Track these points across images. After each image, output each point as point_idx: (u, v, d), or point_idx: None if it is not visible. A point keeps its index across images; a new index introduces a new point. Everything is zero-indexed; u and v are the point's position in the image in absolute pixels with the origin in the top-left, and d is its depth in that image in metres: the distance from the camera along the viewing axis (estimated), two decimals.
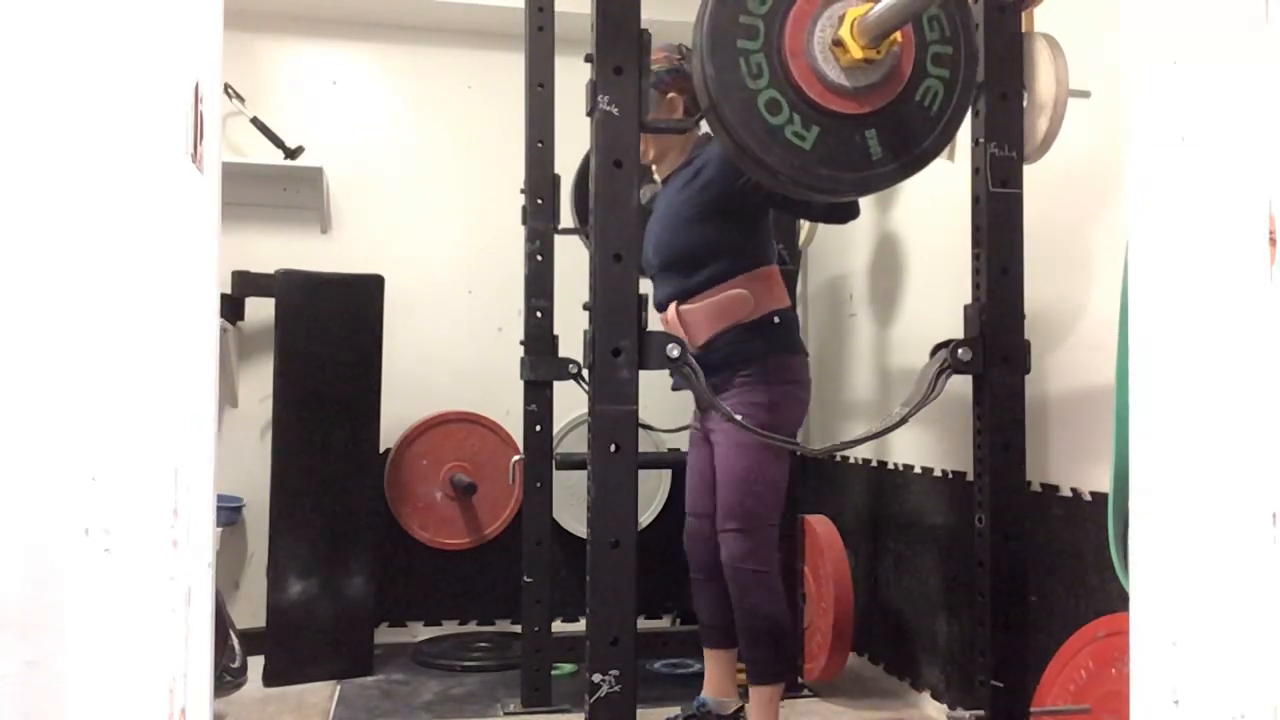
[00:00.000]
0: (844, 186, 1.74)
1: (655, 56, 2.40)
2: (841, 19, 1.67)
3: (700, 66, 1.67)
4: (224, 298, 3.04)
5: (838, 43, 1.67)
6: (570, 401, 3.24)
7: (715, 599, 2.49)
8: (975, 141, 1.99)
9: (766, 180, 1.78)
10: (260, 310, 3.49)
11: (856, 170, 1.72)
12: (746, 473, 2.33)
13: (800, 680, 3.05)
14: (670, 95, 2.42)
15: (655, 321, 2.38)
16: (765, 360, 2.34)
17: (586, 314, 1.76)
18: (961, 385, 2.01)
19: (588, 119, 1.79)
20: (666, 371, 1.78)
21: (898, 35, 1.71)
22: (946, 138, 1.78)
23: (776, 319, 2.38)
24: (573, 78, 2.42)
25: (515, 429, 3.22)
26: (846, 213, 2.36)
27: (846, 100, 1.69)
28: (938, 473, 2.88)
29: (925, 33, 1.75)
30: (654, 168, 2.55)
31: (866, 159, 1.72)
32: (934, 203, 2.93)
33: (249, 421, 3.58)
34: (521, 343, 2.90)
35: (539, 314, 2.88)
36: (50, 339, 0.78)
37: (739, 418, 1.98)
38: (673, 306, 2.41)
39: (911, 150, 1.74)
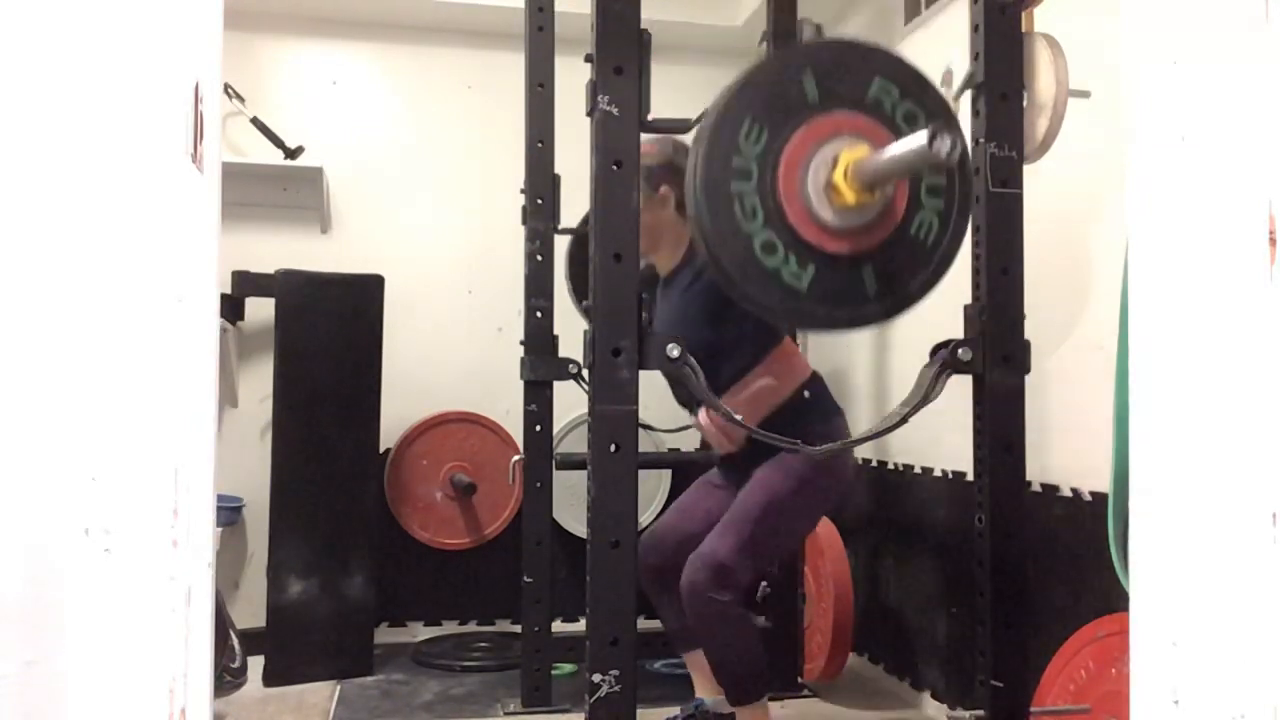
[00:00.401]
0: (840, 324, 1.74)
1: (647, 149, 2.36)
2: (835, 161, 1.66)
3: (695, 209, 1.66)
4: (224, 298, 3.03)
5: (832, 186, 1.67)
6: (570, 401, 3.24)
7: (676, 604, 2.42)
8: (975, 141, 1.99)
9: (765, 316, 1.78)
10: (260, 310, 3.49)
11: (853, 307, 1.71)
12: (765, 510, 2.28)
13: (800, 680, 3.05)
14: (663, 189, 2.38)
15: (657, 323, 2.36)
16: (804, 432, 2.33)
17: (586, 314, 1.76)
18: (961, 385, 2.01)
19: (588, 119, 1.79)
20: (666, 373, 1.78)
21: None
22: (942, 270, 1.77)
23: (806, 393, 2.37)
24: (573, 78, 2.42)
25: (515, 429, 3.22)
26: None
27: (842, 240, 1.69)
28: (938, 473, 2.88)
29: None
30: (653, 258, 2.50)
31: (863, 296, 1.71)
32: None
33: (249, 421, 3.58)
34: (521, 343, 2.90)
35: (539, 314, 2.88)
36: (50, 339, 0.78)
37: (739, 417, 1.98)
38: (703, 411, 2.40)
39: (909, 284, 1.74)
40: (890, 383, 3.22)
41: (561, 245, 2.96)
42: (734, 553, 2.24)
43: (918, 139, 1.48)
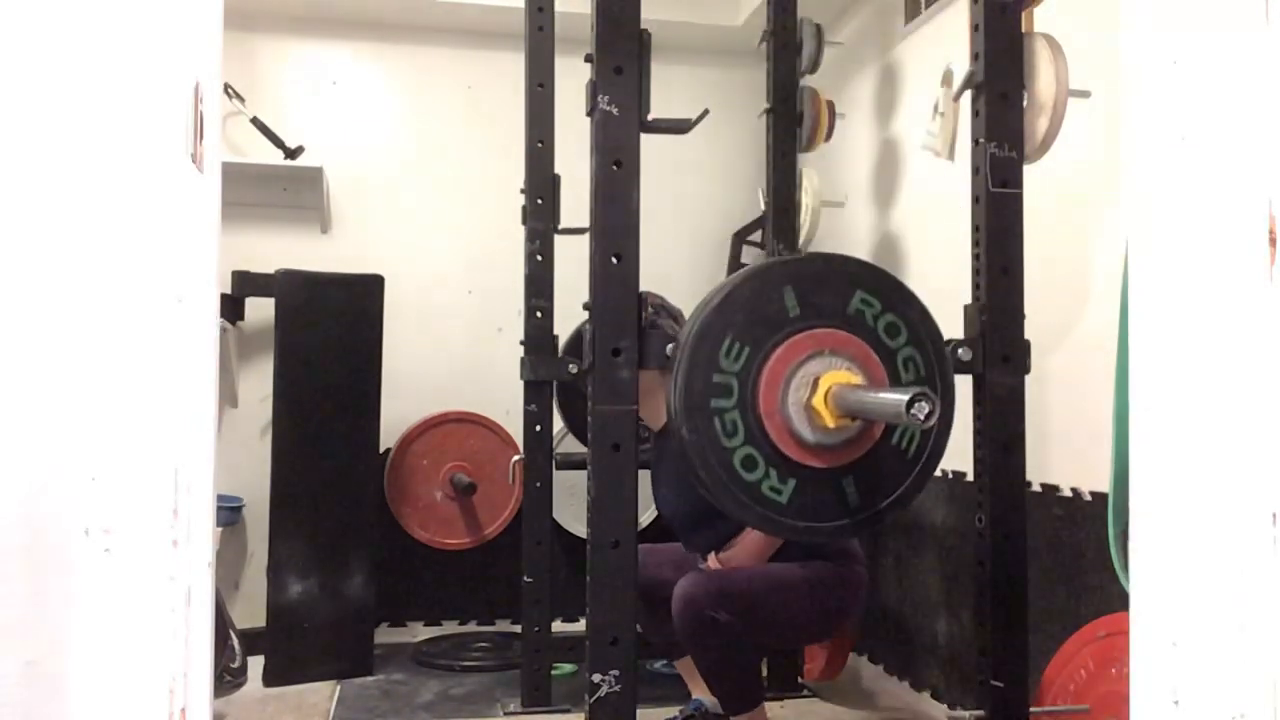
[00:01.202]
0: (820, 536, 1.74)
1: None
2: (815, 384, 1.65)
3: (677, 427, 1.66)
4: (224, 298, 3.04)
5: (812, 408, 1.67)
6: None
7: (657, 615, 2.43)
8: (975, 141, 1.99)
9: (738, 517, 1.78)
10: (260, 310, 3.49)
11: (834, 519, 1.71)
12: (776, 580, 2.28)
13: (800, 680, 3.05)
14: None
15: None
16: (820, 551, 2.34)
17: (586, 314, 1.76)
18: (961, 385, 2.01)
19: (588, 119, 1.79)
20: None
21: None
22: (924, 479, 1.76)
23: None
24: (573, 78, 2.42)
25: (515, 429, 3.22)
26: None
27: (822, 456, 1.68)
28: (938, 473, 2.87)
29: (901, 374, 1.73)
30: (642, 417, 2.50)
31: (844, 507, 1.71)
32: (934, 203, 2.93)
33: (249, 421, 3.58)
34: (521, 343, 2.90)
35: (539, 314, 2.88)
36: (50, 339, 0.78)
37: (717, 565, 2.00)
38: (712, 557, 2.39)
39: (889, 495, 1.74)
40: None
41: (561, 245, 2.96)
42: (743, 593, 2.24)
43: (898, 400, 1.47)
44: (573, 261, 2.76)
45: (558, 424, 3.21)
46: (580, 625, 2.34)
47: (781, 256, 2.87)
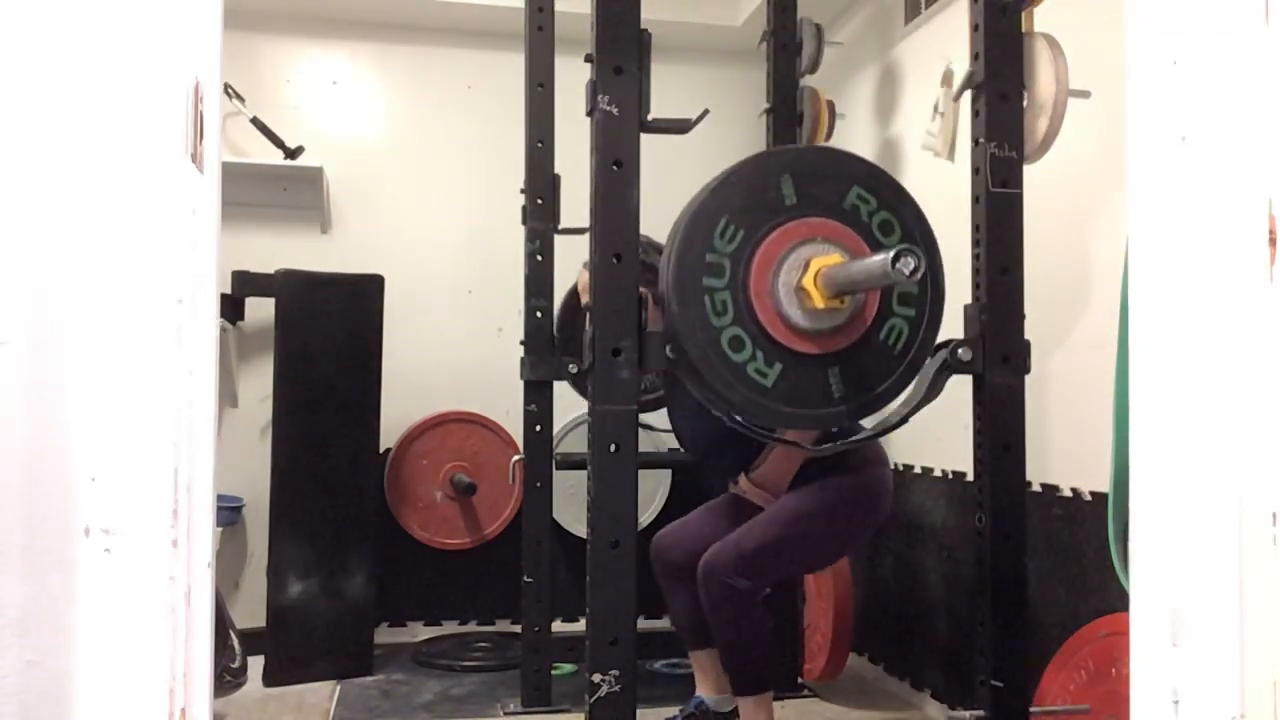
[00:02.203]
0: (803, 423, 1.77)
1: None
2: (806, 265, 1.68)
3: (666, 300, 1.68)
4: (224, 298, 3.03)
5: (802, 289, 1.68)
6: (570, 401, 3.24)
7: (689, 599, 2.45)
8: (975, 141, 1.99)
9: (725, 415, 1.80)
10: (260, 310, 3.49)
11: (816, 408, 1.73)
12: (796, 517, 2.29)
13: (800, 680, 3.05)
14: (641, 290, 2.39)
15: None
16: (843, 465, 2.34)
17: (587, 314, 1.76)
18: (961, 385, 2.01)
19: (588, 119, 1.79)
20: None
21: None
22: (910, 376, 1.78)
23: (834, 428, 2.37)
24: (573, 78, 2.42)
25: (515, 429, 3.22)
26: None
27: (810, 341, 1.70)
28: (938, 473, 2.88)
29: None
30: None
31: (828, 397, 1.73)
32: (934, 203, 2.93)
33: (249, 421, 3.58)
34: (521, 343, 2.90)
35: (539, 314, 2.88)
36: (50, 339, 0.78)
37: (740, 418, 1.97)
38: (742, 478, 2.42)
39: (874, 389, 1.76)
40: None
41: (561, 245, 2.96)
42: (758, 547, 2.27)
43: (882, 258, 1.51)
44: (573, 261, 2.76)
45: (558, 424, 3.21)
46: (580, 625, 2.34)
47: (782, 146, 2.86)
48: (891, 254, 1.48)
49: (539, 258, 2.89)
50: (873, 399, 1.76)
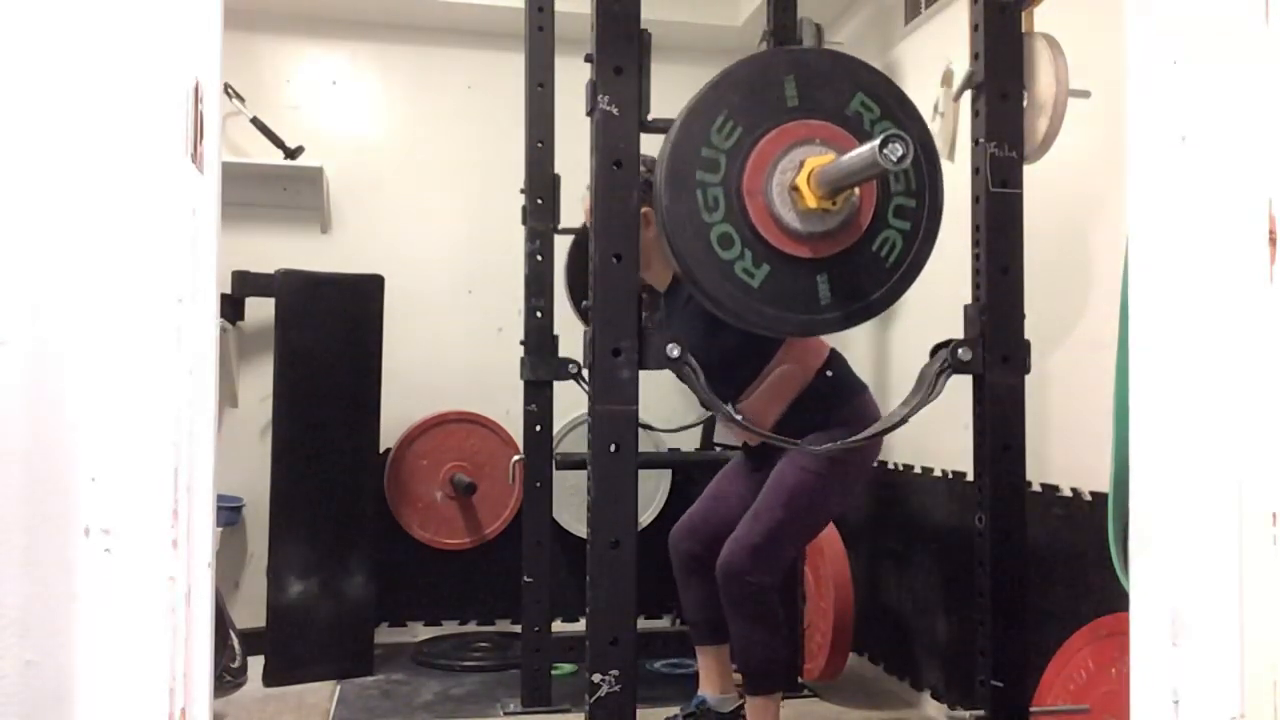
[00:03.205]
0: (788, 327, 1.74)
1: None
2: (801, 165, 1.67)
3: (658, 194, 1.67)
4: (224, 298, 3.03)
5: (795, 188, 1.67)
6: (570, 401, 3.24)
7: (703, 595, 2.47)
8: (975, 141, 1.99)
9: (713, 310, 1.78)
10: (260, 310, 3.49)
11: (802, 313, 1.71)
12: (795, 494, 2.30)
13: (800, 680, 3.05)
14: (644, 210, 2.38)
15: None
16: (830, 415, 2.34)
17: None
18: (961, 385, 2.01)
19: (588, 119, 1.79)
20: (666, 371, 1.78)
21: (856, 189, 1.70)
22: (900, 290, 1.77)
23: (829, 372, 2.38)
24: (573, 78, 2.42)
25: (515, 429, 3.22)
26: None
27: (800, 244, 1.69)
28: (938, 473, 2.88)
29: (891, 183, 1.74)
30: (646, 277, 2.48)
31: (815, 303, 1.71)
32: None
33: (249, 421, 3.58)
34: (521, 343, 2.90)
35: (539, 314, 2.88)
36: (50, 339, 0.78)
37: (739, 418, 1.98)
38: (731, 410, 2.40)
39: (862, 299, 1.74)
40: (890, 383, 3.22)
41: (561, 245, 2.96)
42: (768, 537, 2.28)
43: (870, 145, 1.50)
44: None
45: (558, 424, 3.21)
46: (580, 625, 2.34)
47: (788, 46, 2.84)
48: (879, 140, 1.46)
49: (539, 258, 2.89)
50: (860, 309, 1.75)
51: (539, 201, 2.89)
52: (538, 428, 2.90)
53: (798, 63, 1.72)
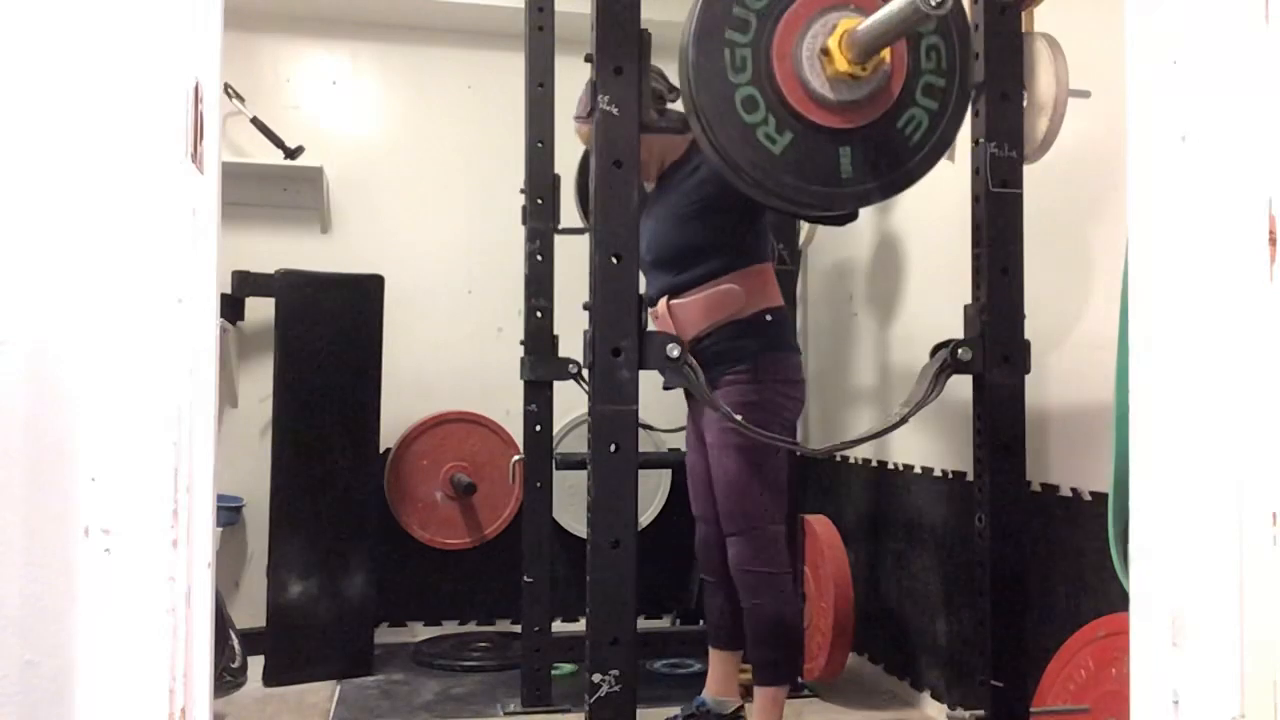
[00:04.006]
0: (807, 198, 1.69)
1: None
2: (834, 28, 1.64)
3: (685, 51, 1.63)
4: (224, 298, 3.03)
5: (825, 52, 1.64)
6: (570, 401, 3.24)
7: (724, 603, 2.49)
8: (975, 141, 1.99)
9: (731, 178, 1.74)
10: (260, 310, 3.49)
11: (823, 185, 1.68)
12: (740, 474, 2.31)
13: (800, 680, 3.05)
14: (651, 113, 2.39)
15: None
16: (756, 358, 2.32)
17: (586, 314, 1.76)
18: (961, 385, 2.01)
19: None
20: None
21: (887, 56, 1.67)
22: (924, 168, 1.74)
23: (769, 316, 2.36)
24: (573, 78, 2.42)
25: (515, 429, 3.22)
26: (843, 216, 2.33)
27: (826, 112, 1.65)
28: (938, 473, 2.88)
29: (921, 61, 1.72)
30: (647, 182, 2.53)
31: (835, 176, 1.68)
32: (934, 203, 2.93)
33: (249, 421, 3.58)
34: (521, 343, 2.90)
35: (539, 314, 2.88)
36: (50, 339, 0.78)
37: (739, 418, 1.97)
38: (663, 301, 2.40)
39: (885, 176, 1.71)
40: (890, 383, 3.22)
41: (561, 245, 2.96)
42: (745, 522, 2.30)
43: None
44: (573, 261, 2.76)
45: (558, 424, 3.21)
46: (580, 625, 2.34)
47: None
48: None
49: (539, 258, 2.89)
50: (881, 186, 1.71)
51: (539, 201, 2.89)
52: (538, 428, 2.89)
53: None
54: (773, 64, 1.63)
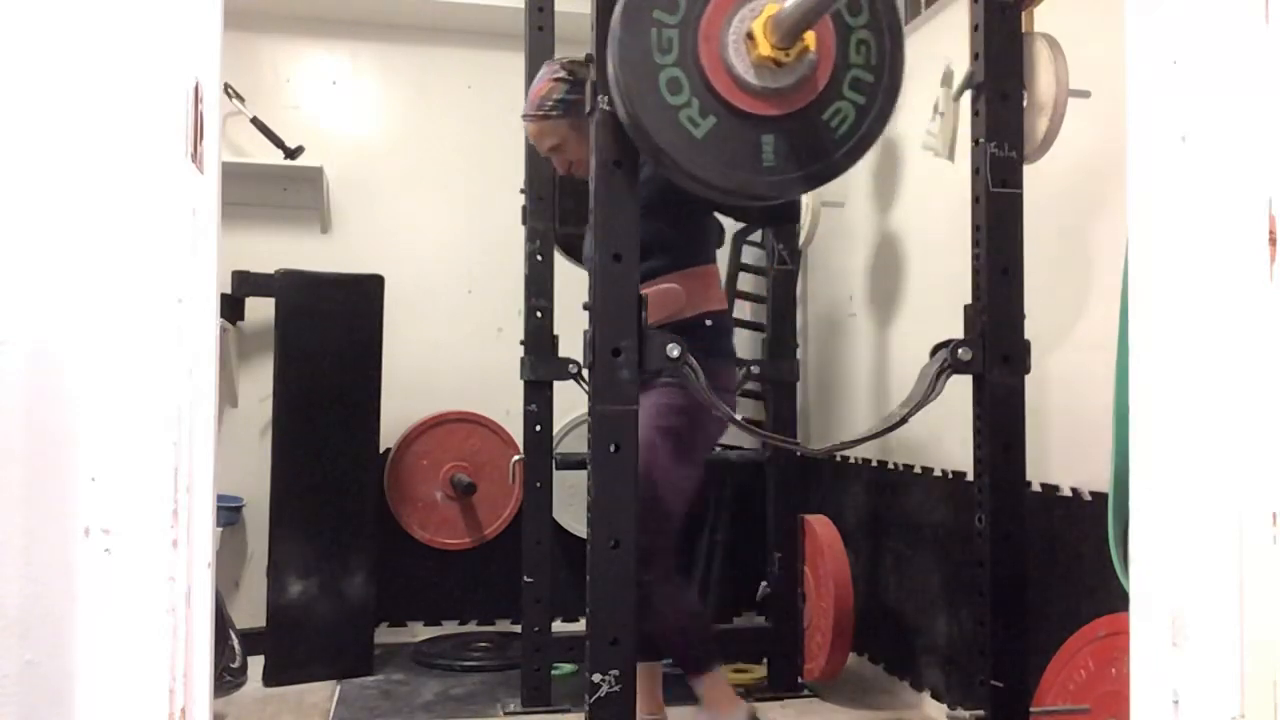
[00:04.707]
0: (727, 184, 1.67)
1: (549, 84, 2.30)
2: (760, 12, 1.62)
3: (612, 30, 1.61)
4: (224, 298, 3.03)
5: (750, 36, 1.62)
6: (570, 401, 3.24)
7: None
8: (975, 141, 1.99)
9: (652, 160, 1.70)
10: (260, 310, 3.49)
11: (744, 171, 1.65)
12: (645, 471, 2.20)
13: (800, 680, 3.05)
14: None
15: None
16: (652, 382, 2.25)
17: (586, 314, 1.76)
18: (961, 385, 2.01)
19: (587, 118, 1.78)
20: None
21: (811, 44, 1.66)
22: (847, 163, 1.72)
23: (708, 321, 2.32)
24: None
25: (515, 429, 3.22)
26: (785, 214, 2.28)
27: (749, 98, 1.64)
28: (938, 473, 2.88)
29: (850, 54, 1.70)
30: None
31: (757, 163, 1.66)
32: (934, 203, 2.93)
33: (249, 421, 3.58)
34: (521, 343, 2.90)
35: (539, 314, 2.88)
36: (50, 339, 0.78)
37: (739, 418, 1.97)
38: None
39: (808, 167, 1.69)
40: (890, 383, 3.22)
41: None
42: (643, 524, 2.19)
43: None
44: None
45: (558, 424, 3.21)
46: (580, 625, 2.34)
47: None
48: None
49: (539, 258, 2.89)
50: (803, 177, 1.69)
51: (539, 201, 2.89)
52: (538, 428, 2.90)
53: None
54: (699, 46, 1.61)
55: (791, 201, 2.18)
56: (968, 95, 2.03)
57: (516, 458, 3.16)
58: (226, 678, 2.68)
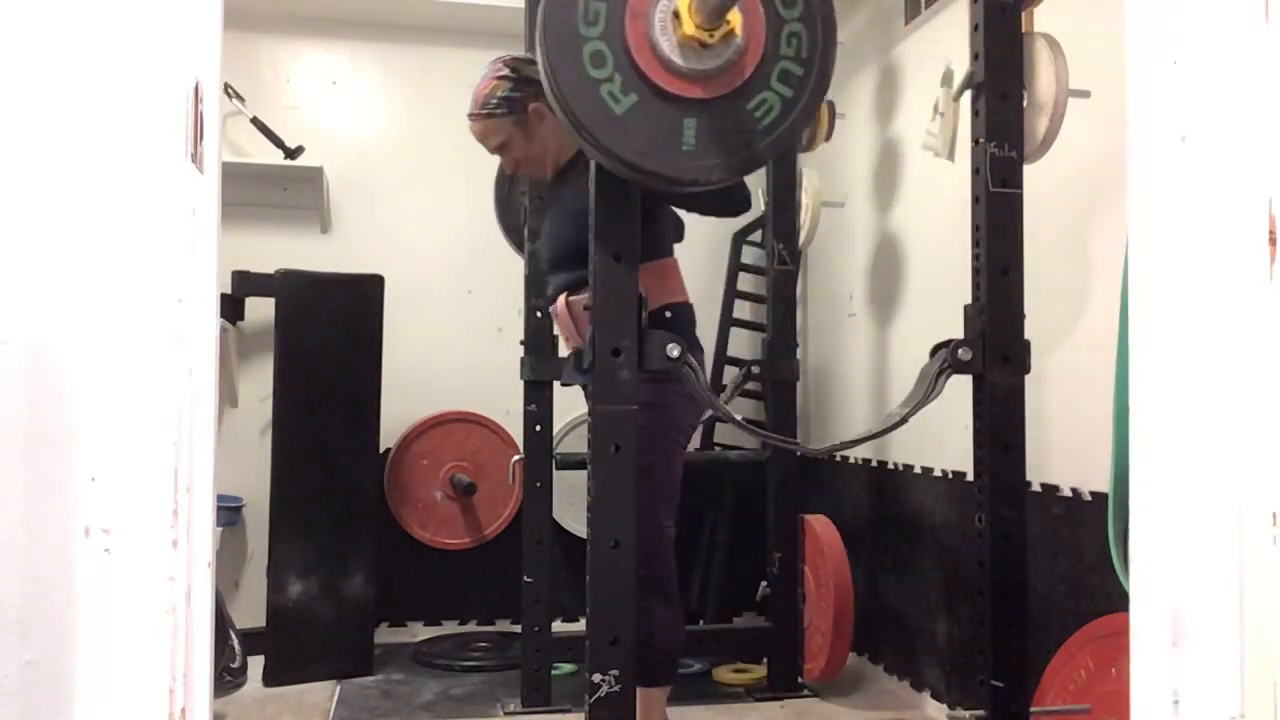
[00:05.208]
0: (645, 164, 1.63)
1: (492, 83, 2.29)
2: None
3: (543, 7, 1.59)
4: (224, 298, 3.03)
5: (676, 14, 1.60)
6: (570, 401, 3.24)
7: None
8: (975, 141, 1.99)
9: (571, 132, 1.67)
10: (260, 310, 3.49)
11: (663, 153, 1.63)
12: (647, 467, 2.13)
13: (800, 680, 3.05)
14: (531, 107, 2.30)
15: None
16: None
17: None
18: (961, 385, 2.01)
19: None
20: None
21: (738, 30, 1.63)
22: (770, 153, 1.70)
23: (669, 313, 2.27)
24: None
25: (515, 429, 3.22)
26: (735, 205, 2.24)
27: (672, 78, 1.61)
28: (938, 473, 2.88)
29: (781, 45, 1.67)
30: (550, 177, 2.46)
31: (676, 147, 1.63)
32: (934, 203, 2.93)
33: (249, 421, 3.58)
34: (521, 343, 2.90)
35: (539, 314, 2.89)
36: (50, 339, 0.78)
37: (739, 418, 1.97)
38: (561, 298, 2.31)
39: (729, 155, 1.66)
40: (890, 383, 3.22)
41: None
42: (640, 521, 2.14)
43: None
44: None
45: (558, 424, 3.21)
46: (580, 625, 2.34)
47: None
48: None
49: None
50: (724, 164, 1.67)
51: (539, 201, 2.89)
52: (538, 428, 2.90)
53: None
54: (626, 22, 1.59)
55: (742, 192, 2.15)
56: (968, 95, 2.03)
57: (516, 458, 3.16)
58: (226, 678, 2.68)
